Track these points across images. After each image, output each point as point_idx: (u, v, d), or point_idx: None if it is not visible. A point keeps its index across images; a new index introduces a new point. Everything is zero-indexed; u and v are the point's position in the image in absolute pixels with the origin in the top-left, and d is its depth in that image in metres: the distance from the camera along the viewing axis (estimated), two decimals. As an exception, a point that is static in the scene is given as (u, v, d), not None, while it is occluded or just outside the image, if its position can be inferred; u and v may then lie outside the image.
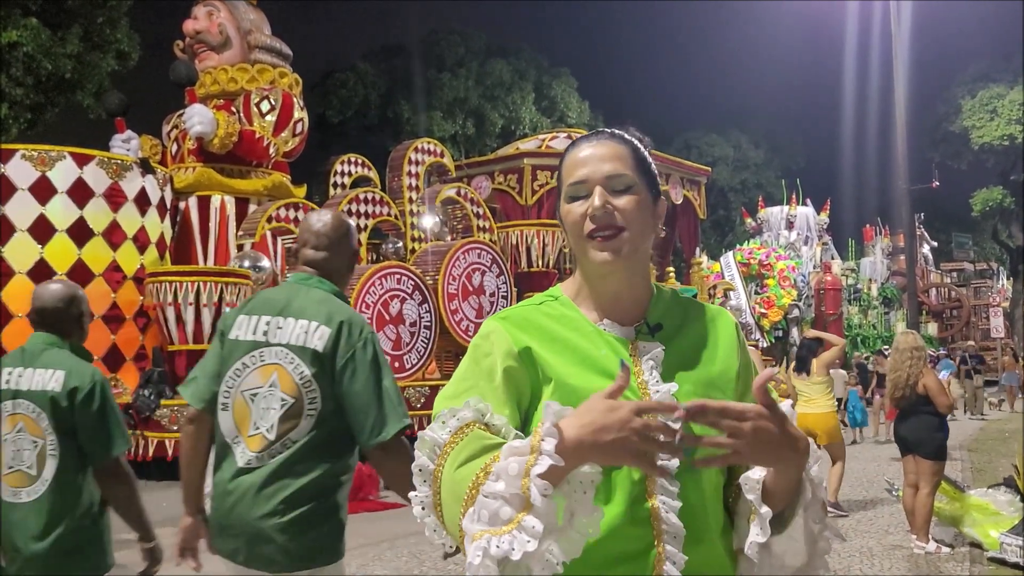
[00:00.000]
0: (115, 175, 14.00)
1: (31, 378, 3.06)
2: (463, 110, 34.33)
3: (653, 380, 1.51)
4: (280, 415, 2.76)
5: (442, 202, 17.29)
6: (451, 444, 1.40)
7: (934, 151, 41.50)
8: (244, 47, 16.94)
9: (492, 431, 1.43)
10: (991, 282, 49.43)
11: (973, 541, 7.24)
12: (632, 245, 1.54)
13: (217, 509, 2.94)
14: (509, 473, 1.27)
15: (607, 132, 1.61)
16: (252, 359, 2.83)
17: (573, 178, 1.56)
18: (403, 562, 7.05)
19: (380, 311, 14.49)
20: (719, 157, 46.93)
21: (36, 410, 3.02)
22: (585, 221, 1.54)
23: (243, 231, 14.64)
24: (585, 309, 1.60)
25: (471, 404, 1.44)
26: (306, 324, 2.78)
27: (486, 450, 1.37)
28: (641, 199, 1.56)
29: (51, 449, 3.01)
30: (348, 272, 3.11)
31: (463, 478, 1.35)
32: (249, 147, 15.97)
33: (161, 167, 15.57)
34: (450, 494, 1.37)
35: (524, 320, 1.58)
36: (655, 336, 1.57)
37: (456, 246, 15.97)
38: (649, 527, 1.44)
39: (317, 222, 2.99)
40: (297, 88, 17.42)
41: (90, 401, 3.05)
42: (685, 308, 1.65)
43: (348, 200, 15.73)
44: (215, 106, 16.06)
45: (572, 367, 1.51)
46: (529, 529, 1.24)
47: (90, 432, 3.06)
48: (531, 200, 19.28)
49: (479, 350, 1.56)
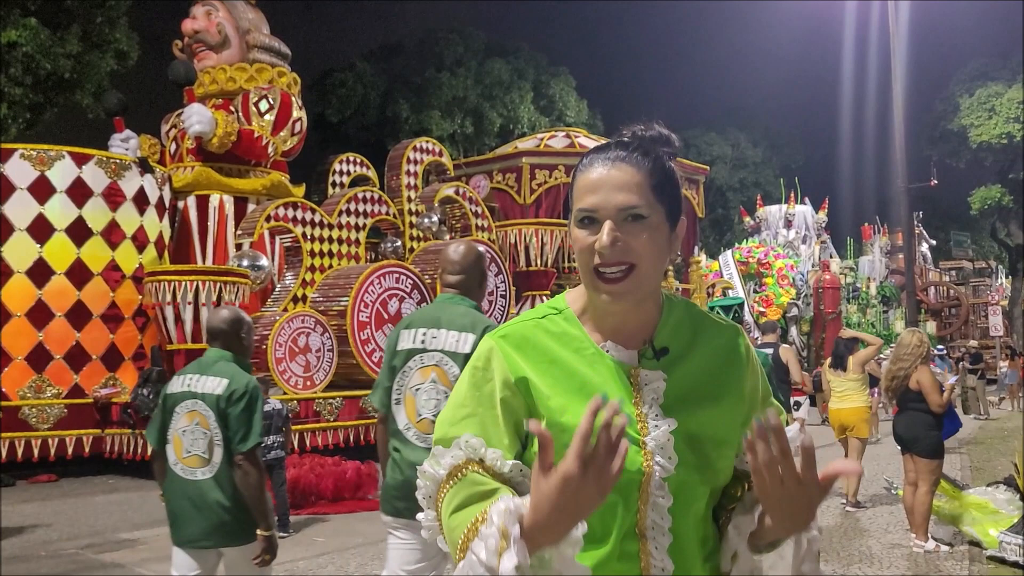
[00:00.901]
0: (114, 174, 14.00)
1: (204, 383, 3.89)
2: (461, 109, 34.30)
3: (653, 414, 1.45)
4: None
5: (440, 201, 17.28)
6: (446, 484, 1.41)
7: (932, 149, 41.50)
8: (243, 46, 16.94)
9: (487, 466, 1.41)
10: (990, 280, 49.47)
11: (972, 540, 7.24)
12: (639, 283, 1.44)
13: (405, 480, 3.53)
14: (488, 548, 1.27)
15: (625, 148, 1.47)
16: (414, 362, 3.66)
17: (583, 203, 1.45)
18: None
19: (379, 310, 14.48)
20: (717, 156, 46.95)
21: (207, 409, 3.84)
22: (594, 255, 1.43)
23: (242, 230, 14.63)
24: (589, 328, 1.52)
25: (462, 444, 1.42)
26: (456, 334, 3.59)
27: (478, 498, 1.36)
28: (656, 229, 1.45)
29: (217, 440, 3.82)
30: (481, 290, 3.87)
31: (456, 526, 1.35)
32: (248, 146, 15.96)
33: (160, 166, 15.57)
34: (448, 538, 1.38)
35: (523, 340, 1.50)
36: (660, 361, 1.49)
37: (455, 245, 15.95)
38: (637, 562, 1.43)
39: (454, 252, 3.82)
40: (295, 87, 17.42)
41: (239, 403, 3.83)
42: (695, 326, 1.55)
43: (347, 199, 15.73)
44: (214, 105, 16.05)
45: (568, 397, 1.45)
46: None
47: (235, 427, 3.81)
48: (529, 199, 19.27)
49: (478, 374, 1.50)
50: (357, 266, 15.19)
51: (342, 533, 8.41)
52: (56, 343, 13.32)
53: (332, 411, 13.70)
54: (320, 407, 13.59)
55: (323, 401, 13.65)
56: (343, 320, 14.08)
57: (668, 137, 1.52)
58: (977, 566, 6.68)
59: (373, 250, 17.11)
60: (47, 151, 13.63)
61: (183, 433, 3.86)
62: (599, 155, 1.47)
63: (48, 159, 13.53)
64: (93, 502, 10.76)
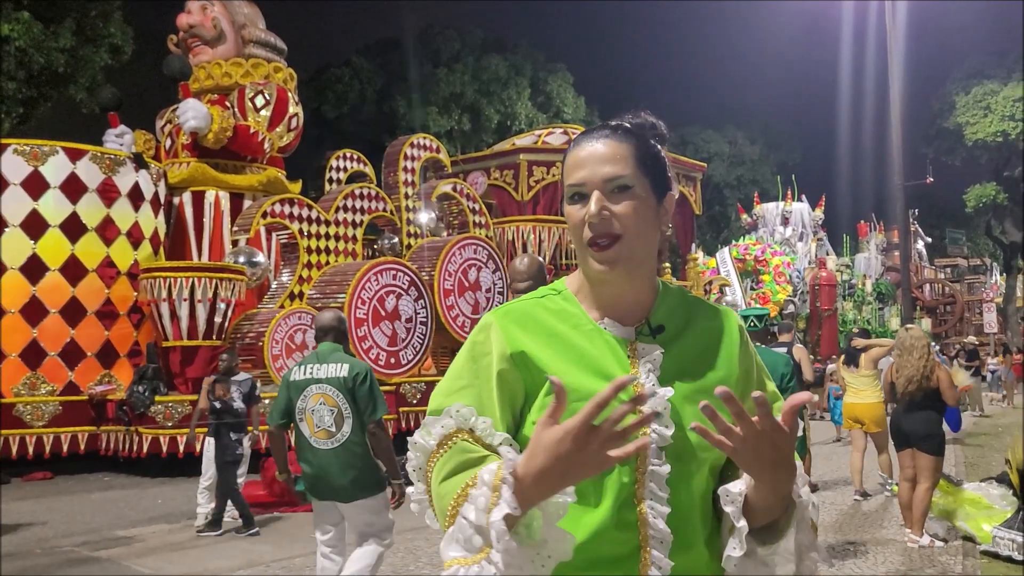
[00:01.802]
0: (108, 170, 13.95)
1: (326, 370, 4.83)
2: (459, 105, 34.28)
3: (650, 384, 1.47)
4: None
5: (438, 198, 17.26)
6: (436, 454, 1.42)
7: (928, 147, 41.55)
8: (238, 41, 16.90)
9: (476, 436, 1.42)
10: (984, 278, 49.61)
11: (966, 535, 7.26)
12: (630, 252, 1.49)
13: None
14: (478, 506, 1.28)
15: (610, 127, 1.54)
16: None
17: (572, 179, 1.52)
18: (399, 558, 7.05)
19: (376, 307, 14.47)
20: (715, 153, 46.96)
21: (332, 390, 4.78)
22: (584, 227, 1.49)
23: (238, 227, 14.60)
24: (587, 306, 1.56)
25: (452, 412, 1.44)
26: None
27: (468, 465, 1.37)
28: (641, 201, 1.50)
29: (346, 414, 4.78)
30: None
31: (446, 493, 1.37)
32: (244, 142, 15.93)
33: (155, 162, 15.53)
34: (438, 507, 1.40)
35: (523, 315, 1.54)
36: (656, 338, 1.52)
37: (452, 242, 15.95)
38: (636, 531, 1.42)
39: (521, 264, 4.31)
40: (292, 83, 17.38)
41: (364, 383, 4.79)
42: (691, 309, 1.60)
43: (344, 196, 15.70)
44: (209, 101, 16.02)
45: (567, 366, 1.48)
46: (495, 563, 1.26)
47: (363, 403, 4.77)
48: (527, 195, 19.27)
49: (477, 347, 1.53)
50: (354, 263, 15.17)
51: (338, 530, 8.40)
52: (50, 340, 13.28)
53: (328, 407, 13.69)
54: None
55: (319, 397, 13.62)
56: (339, 316, 14.04)
57: (655, 124, 1.59)
58: (971, 561, 6.70)
59: (370, 247, 17.09)
60: (41, 146, 13.58)
61: (313, 412, 4.83)
62: (586, 135, 1.55)
63: (42, 154, 13.48)
64: (89, 499, 10.75)
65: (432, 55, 35.11)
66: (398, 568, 6.73)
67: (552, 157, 19.54)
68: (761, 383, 1.62)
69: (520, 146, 20.34)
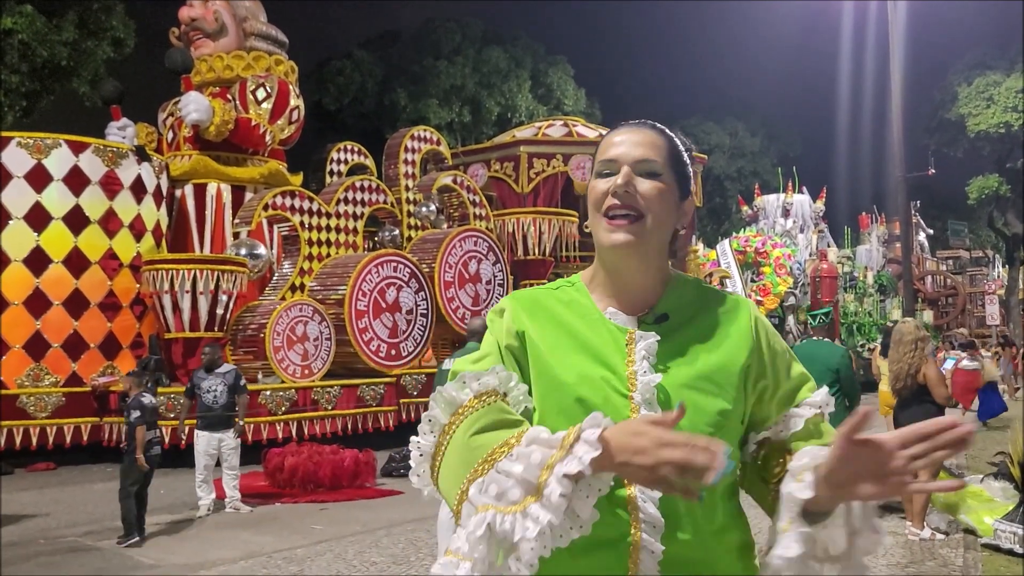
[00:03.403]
0: (111, 163, 13.97)
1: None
2: (459, 98, 34.20)
3: (642, 370, 1.49)
4: None
5: (438, 190, 17.27)
6: (469, 407, 1.45)
7: (930, 139, 41.46)
8: (240, 34, 16.89)
9: (510, 402, 1.49)
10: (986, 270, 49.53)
11: (968, 528, 7.28)
12: (648, 231, 1.53)
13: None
14: (531, 461, 1.29)
15: (648, 123, 1.61)
16: None
17: (604, 156, 1.58)
18: (400, 549, 7.08)
19: (376, 299, 14.49)
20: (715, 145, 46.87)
21: None
22: (607, 197, 1.54)
23: (239, 219, 14.62)
24: (596, 296, 1.61)
25: (497, 371, 1.50)
26: None
27: (504, 425, 1.42)
28: (667, 189, 1.55)
29: None
30: None
31: (478, 446, 1.39)
32: (245, 135, 15.94)
33: (157, 155, 15.54)
34: (459, 457, 1.42)
35: (533, 302, 1.62)
36: (659, 326, 1.55)
37: (452, 234, 15.95)
38: (627, 515, 1.43)
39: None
40: (293, 76, 17.38)
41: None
42: (703, 299, 1.62)
43: (344, 188, 15.72)
44: (211, 94, 16.02)
45: (566, 352, 1.53)
46: (534, 516, 1.27)
47: None
48: (527, 188, 19.26)
49: (495, 324, 1.62)
50: (355, 255, 15.19)
51: (340, 521, 8.44)
52: (54, 331, 13.31)
53: (330, 399, 13.73)
54: (318, 395, 13.62)
55: (321, 390, 13.67)
56: (341, 309, 14.09)
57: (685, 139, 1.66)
58: (972, 554, 6.71)
59: (371, 239, 17.11)
60: (44, 139, 13.59)
61: None
62: (624, 124, 1.62)
63: (45, 147, 13.49)
64: (92, 490, 10.79)
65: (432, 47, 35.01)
66: (399, 559, 6.76)
67: (552, 149, 19.53)
68: (787, 367, 1.61)
69: (520, 138, 20.33)
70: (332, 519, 8.59)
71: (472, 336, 5.95)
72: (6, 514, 8.87)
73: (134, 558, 7.07)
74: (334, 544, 7.31)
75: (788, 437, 1.55)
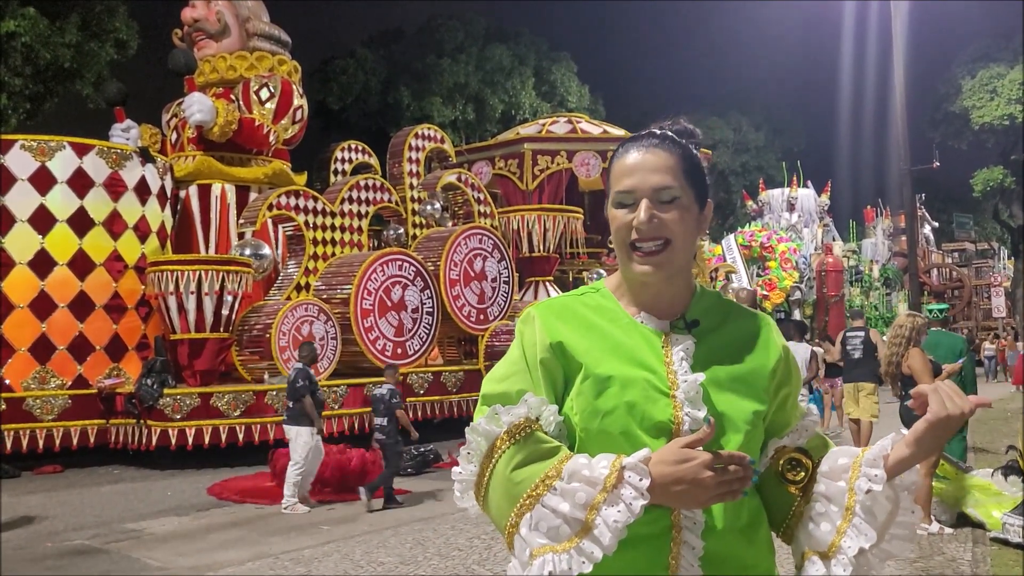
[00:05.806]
0: (115, 164, 13.98)
1: None
2: (463, 95, 34.18)
3: (682, 371, 1.55)
4: None
5: (443, 188, 17.26)
6: (505, 440, 1.50)
7: (934, 131, 41.35)
8: (243, 35, 16.88)
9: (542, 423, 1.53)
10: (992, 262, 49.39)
11: (975, 521, 7.25)
12: (675, 257, 1.58)
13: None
14: (576, 500, 1.40)
15: (657, 136, 1.62)
16: None
17: (620, 186, 1.59)
18: (407, 549, 7.08)
19: (382, 297, 14.49)
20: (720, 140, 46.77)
21: None
22: (630, 231, 1.57)
23: (244, 219, 14.63)
24: (624, 303, 1.65)
25: (528, 401, 1.53)
26: None
27: (541, 456, 1.48)
28: (686, 210, 1.59)
29: None
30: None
31: (521, 481, 1.46)
32: (249, 135, 15.94)
33: (161, 156, 15.55)
34: (503, 492, 1.48)
35: (563, 308, 1.64)
36: (691, 331, 1.60)
37: (457, 232, 15.95)
38: (667, 511, 1.48)
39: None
40: (296, 75, 17.37)
41: None
42: (727, 310, 1.69)
43: (349, 187, 15.72)
44: (214, 94, 16.02)
45: (604, 355, 1.56)
46: (588, 554, 1.39)
47: None
48: (532, 185, 19.25)
49: (524, 337, 1.63)
50: (360, 254, 15.19)
51: (347, 521, 8.45)
52: (59, 334, 13.33)
53: (336, 399, 13.74)
54: (324, 395, 13.61)
55: (327, 389, 13.66)
56: (346, 308, 14.09)
57: (692, 131, 1.66)
58: (980, 548, 6.69)
59: (376, 238, 17.11)
60: (48, 142, 13.61)
61: None
62: (634, 143, 1.63)
63: (49, 150, 13.51)
64: (98, 492, 10.81)
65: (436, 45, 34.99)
66: (407, 559, 6.76)
67: (556, 146, 19.51)
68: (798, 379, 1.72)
69: (524, 135, 20.31)
70: (339, 519, 8.59)
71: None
72: (13, 517, 8.89)
73: (141, 560, 7.07)
74: (341, 544, 7.31)
75: (806, 444, 1.66)
